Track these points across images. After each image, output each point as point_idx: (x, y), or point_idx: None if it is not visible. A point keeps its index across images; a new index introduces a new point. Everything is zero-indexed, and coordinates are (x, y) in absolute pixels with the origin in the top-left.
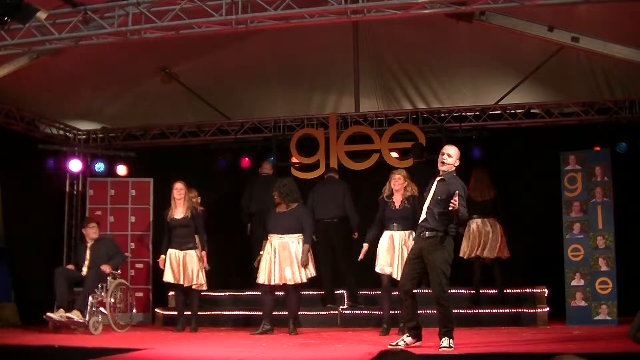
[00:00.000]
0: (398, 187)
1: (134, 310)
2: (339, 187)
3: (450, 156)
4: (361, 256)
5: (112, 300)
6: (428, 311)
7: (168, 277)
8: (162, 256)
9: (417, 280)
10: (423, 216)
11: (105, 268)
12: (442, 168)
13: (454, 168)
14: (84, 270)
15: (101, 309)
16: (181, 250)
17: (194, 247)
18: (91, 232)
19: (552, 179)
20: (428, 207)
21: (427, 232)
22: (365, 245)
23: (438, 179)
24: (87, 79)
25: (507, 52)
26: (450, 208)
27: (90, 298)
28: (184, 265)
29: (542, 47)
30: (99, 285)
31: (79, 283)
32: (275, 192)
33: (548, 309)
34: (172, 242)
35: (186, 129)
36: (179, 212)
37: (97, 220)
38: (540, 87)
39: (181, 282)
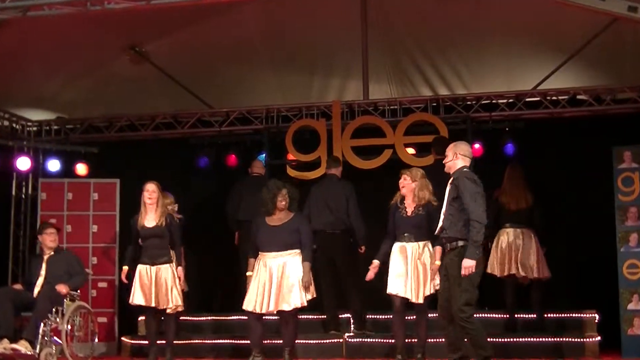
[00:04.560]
0: (406, 191)
1: (96, 339)
2: (340, 190)
3: (446, 155)
4: (371, 275)
5: (69, 327)
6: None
7: (138, 298)
8: (126, 267)
9: None
10: (440, 224)
11: (62, 288)
12: (446, 171)
13: (459, 165)
14: (36, 290)
15: (55, 338)
16: (153, 265)
17: (169, 261)
18: (48, 240)
19: (603, 179)
20: (444, 213)
21: (448, 245)
22: (376, 262)
23: (450, 180)
24: (39, 58)
25: (548, 27)
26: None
27: (42, 325)
28: (157, 284)
29: (591, 19)
30: (53, 309)
31: (29, 306)
32: (282, 194)
33: (599, 337)
34: (142, 256)
35: (160, 120)
36: (150, 219)
37: (56, 226)
38: (588, 69)
39: (153, 304)
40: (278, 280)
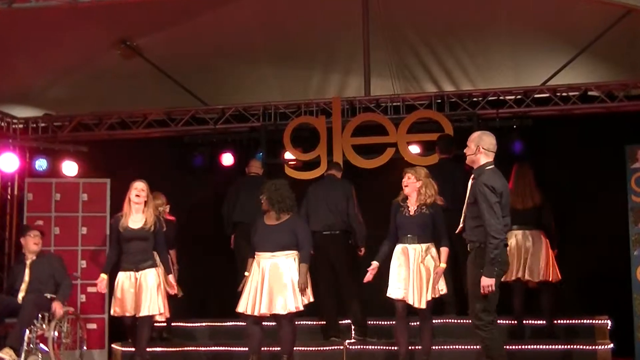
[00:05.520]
0: (409, 190)
1: (85, 347)
2: (340, 190)
3: (468, 147)
4: (369, 277)
5: (56, 333)
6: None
7: (121, 310)
8: (104, 275)
9: None
10: (461, 224)
11: (58, 307)
12: (468, 163)
13: (482, 161)
14: (21, 295)
15: (42, 345)
16: (137, 271)
17: (154, 265)
18: (32, 243)
19: (615, 179)
20: (464, 212)
21: (468, 245)
22: (375, 264)
23: (471, 177)
24: (25, 52)
25: (558, 19)
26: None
27: (27, 332)
28: (139, 290)
29: (603, 11)
30: (39, 315)
31: (13, 312)
32: (264, 197)
33: (611, 345)
34: (123, 262)
35: (152, 117)
36: (136, 219)
37: (40, 229)
38: (600, 64)
39: (133, 313)
40: (269, 282)
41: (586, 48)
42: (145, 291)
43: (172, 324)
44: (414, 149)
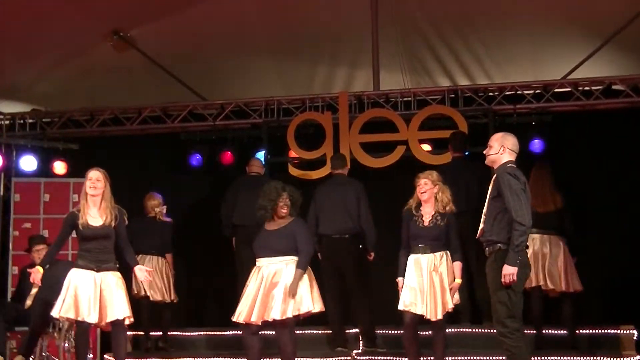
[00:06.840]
0: (426, 197)
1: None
2: (351, 190)
3: (490, 147)
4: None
5: (67, 344)
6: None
7: (68, 310)
8: (40, 268)
9: None
10: (481, 225)
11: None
12: (487, 164)
13: (504, 159)
14: (28, 302)
15: (47, 353)
16: (98, 271)
17: (115, 267)
18: (37, 258)
19: None
20: (485, 213)
21: (487, 248)
22: (400, 281)
23: (493, 177)
24: (12, 43)
25: (579, 9)
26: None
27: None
28: (103, 294)
29: (627, 0)
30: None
31: (22, 320)
32: (283, 198)
33: (637, 356)
34: (81, 259)
35: (147, 113)
36: (95, 215)
37: (47, 241)
38: (625, 56)
39: (90, 320)
40: (265, 289)
41: (610, 39)
42: (110, 295)
43: (169, 333)
44: (426, 146)
